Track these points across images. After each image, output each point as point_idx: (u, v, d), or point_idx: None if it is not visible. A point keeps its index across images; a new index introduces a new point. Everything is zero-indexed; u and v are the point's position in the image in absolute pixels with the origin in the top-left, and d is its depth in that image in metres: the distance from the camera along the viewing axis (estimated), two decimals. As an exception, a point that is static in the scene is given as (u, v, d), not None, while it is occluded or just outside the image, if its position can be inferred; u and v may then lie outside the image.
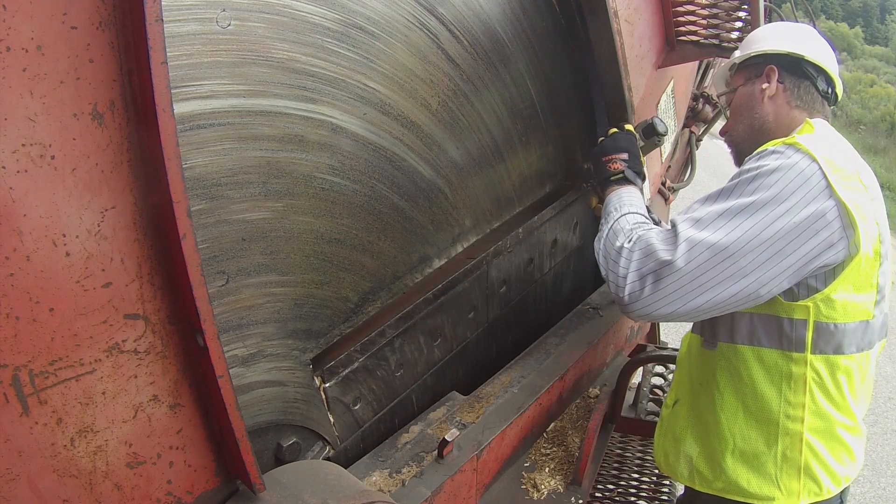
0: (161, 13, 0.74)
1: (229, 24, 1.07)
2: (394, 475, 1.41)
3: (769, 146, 1.28)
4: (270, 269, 1.21)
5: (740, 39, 2.12)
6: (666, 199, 2.96)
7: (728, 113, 1.67)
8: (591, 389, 2.11)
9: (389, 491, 1.37)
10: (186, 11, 1.01)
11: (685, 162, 3.21)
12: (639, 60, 2.09)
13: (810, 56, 1.47)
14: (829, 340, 1.26)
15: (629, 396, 2.12)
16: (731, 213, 1.19)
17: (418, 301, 1.59)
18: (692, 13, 2.19)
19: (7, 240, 0.70)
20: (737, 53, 1.67)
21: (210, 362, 0.86)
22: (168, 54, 0.76)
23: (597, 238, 1.49)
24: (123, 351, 0.82)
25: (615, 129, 1.79)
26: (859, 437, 1.36)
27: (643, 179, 1.71)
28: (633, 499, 1.78)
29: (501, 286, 1.95)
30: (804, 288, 1.23)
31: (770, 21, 2.37)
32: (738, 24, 2.11)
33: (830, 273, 1.22)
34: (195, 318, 0.84)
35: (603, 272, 1.40)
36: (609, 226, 1.46)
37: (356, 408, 1.48)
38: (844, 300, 1.24)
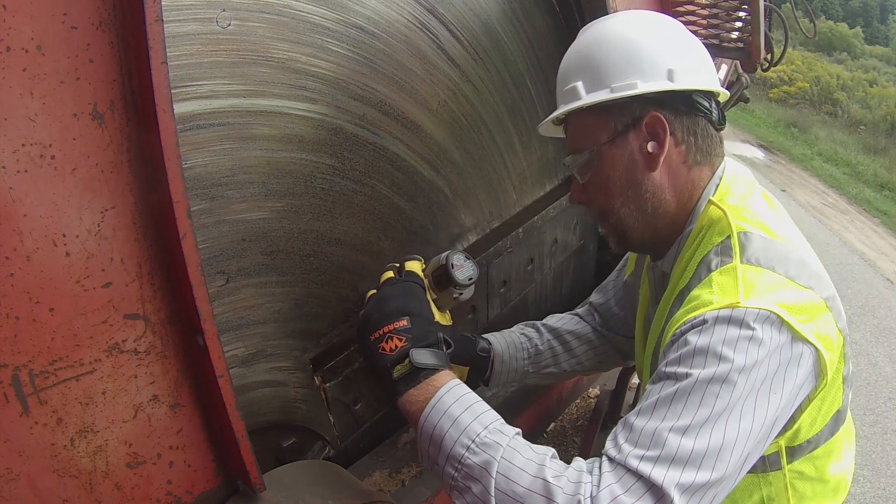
0: (161, 13, 0.74)
1: (229, 24, 1.07)
2: (394, 475, 1.41)
3: (707, 311, 0.95)
4: (270, 269, 1.22)
5: (740, 39, 2.09)
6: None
7: (579, 177, 1.15)
8: (591, 389, 2.11)
9: (389, 491, 1.37)
10: (186, 11, 1.01)
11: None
12: (639, 60, 2.09)
13: (702, 84, 1.06)
14: (803, 450, 1.13)
15: (629, 396, 2.13)
16: (710, 423, 0.89)
17: (418, 301, 1.59)
18: (692, 13, 2.19)
19: (7, 240, 0.70)
20: (578, 86, 1.08)
21: (210, 362, 0.86)
22: (168, 54, 0.76)
23: None
24: (123, 351, 0.82)
25: (390, 273, 1.21)
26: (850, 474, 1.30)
27: (449, 347, 1.12)
28: (633, 499, 1.78)
29: (501, 286, 1.95)
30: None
31: (770, 22, 2.27)
32: (738, 24, 2.11)
33: (798, 409, 1.04)
34: (195, 319, 0.84)
35: None
36: (488, 489, 0.89)
37: (356, 407, 1.48)
38: (814, 419, 1.09)
